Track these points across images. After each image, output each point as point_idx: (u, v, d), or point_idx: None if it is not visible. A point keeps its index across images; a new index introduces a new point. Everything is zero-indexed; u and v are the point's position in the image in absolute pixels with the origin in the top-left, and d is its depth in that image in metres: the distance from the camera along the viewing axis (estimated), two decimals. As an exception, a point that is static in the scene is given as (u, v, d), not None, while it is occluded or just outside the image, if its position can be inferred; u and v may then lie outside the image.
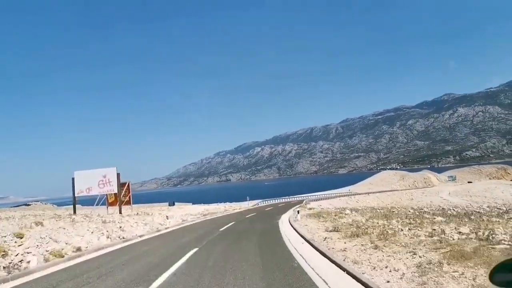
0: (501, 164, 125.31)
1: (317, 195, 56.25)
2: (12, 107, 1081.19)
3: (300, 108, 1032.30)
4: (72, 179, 18.96)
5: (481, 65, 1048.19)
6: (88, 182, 18.81)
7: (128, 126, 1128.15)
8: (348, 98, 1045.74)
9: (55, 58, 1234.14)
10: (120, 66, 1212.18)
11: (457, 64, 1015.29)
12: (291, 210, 25.11)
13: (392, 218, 11.24)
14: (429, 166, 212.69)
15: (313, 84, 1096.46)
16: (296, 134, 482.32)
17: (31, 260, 6.86)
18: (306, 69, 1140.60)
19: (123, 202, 26.49)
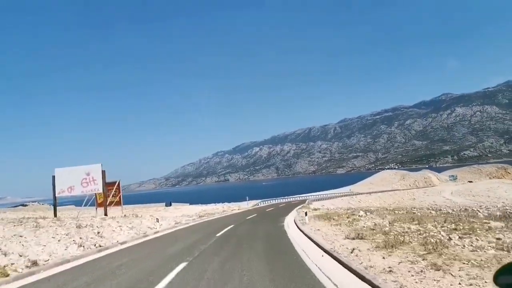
0: (500, 164, 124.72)
1: (318, 195, 54.71)
2: (10, 107, 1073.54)
3: (298, 108, 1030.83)
4: (53, 177, 16.94)
5: (479, 65, 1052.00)
6: (70, 181, 16.80)
7: (127, 126, 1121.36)
8: (346, 98, 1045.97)
9: (54, 58, 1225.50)
10: (119, 66, 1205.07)
11: (455, 64, 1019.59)
12: (294, 211, 23.29)
13: (425, 222, 9.36)
14: (427, 166, 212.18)
15: (311, 84, 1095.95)
16: (295, 134, 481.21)
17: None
18: (304, 69, 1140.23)
19: (113, 203, 24.53)
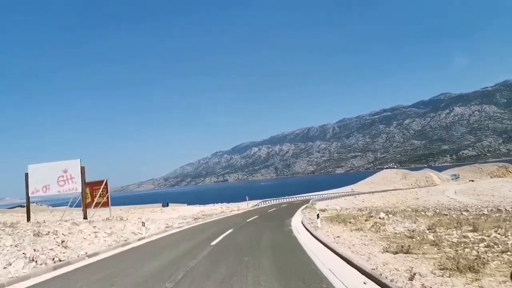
0: (501, 163, 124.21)
1: (320, 195, 52.87)
2: (9, 107, 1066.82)
3: (297, 108, 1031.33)
4: (25, 175, 14.82)
5: (478, 65, 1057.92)
6: (45, 179, 14.71)
7: (125, 127, 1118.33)
8: (345, 98, 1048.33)
9: (51, 58, 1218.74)
10: (118, 66, 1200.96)
11: (454, 64, 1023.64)
12: (299, 212, 21.35)
13: (482, 228, 7.34)
14: (426, 166, 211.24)
15: (310, 84, 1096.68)
16: (293, 134, 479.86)
17: None
18: (303, 69, 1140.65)
19: (100, 204, 22.42)
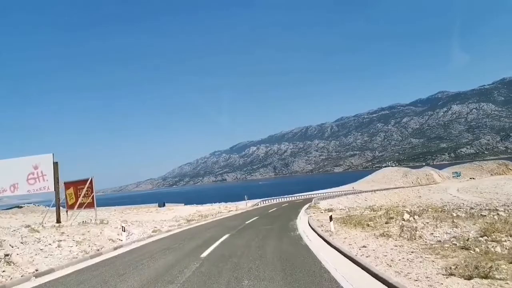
0: (501, 160, 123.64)
1: (321, 194, 51.18)
2: (6, 107, 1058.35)
3: (295, 107, 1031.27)
4: (-9, 173, 12.93)
5: (475, 63, 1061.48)
6: (13, 177, 12.77)
7: (123, 127, 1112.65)
8: (343, 97, 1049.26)
9: (48, 59, 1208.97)
10: (115, 66, 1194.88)
11: (451, 62, 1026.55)
12: (303, 212, 19.54)
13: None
14: (424, 164, 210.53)
15: (308, 83, 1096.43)
16: (292, 133, 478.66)
17: None
18: (301, 68, 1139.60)
19: (84, 205, 20.44)
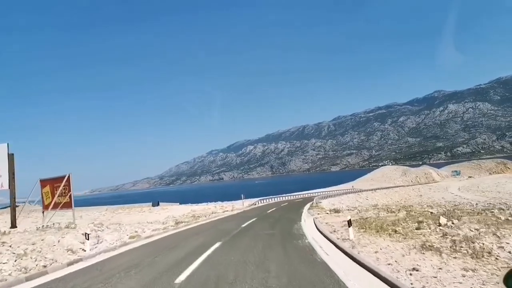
0: (500, 159, 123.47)
1: (320, 192, 49.32)
2: (4, 107, 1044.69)
3: (292, 106, 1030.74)
4: None
5: (471, 62, 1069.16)
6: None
7: (120, 126, 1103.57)
8: (340, 96, 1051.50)
9: (46, 58, 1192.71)
10: (112, 66, 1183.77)
11: (447, 61, 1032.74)
12: (305, 212, 17.58)
13: None
14: (421, 163, 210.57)
15: (305, 82, 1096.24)
16: (289, 132, 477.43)
17: None
18: (298, 67, 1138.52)
19: (60, 205, 18.22)
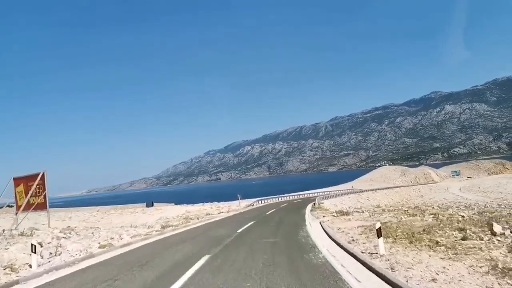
0: (498, 159, 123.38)
1: (319, 193, 47.60)
2: (4, 107, 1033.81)
3: (290, 107, 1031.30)
4: None
5: (468, 63, 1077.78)
6: None
7: (117, 126, 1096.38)
8: (338, 97, 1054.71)
9: (46, 58, 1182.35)
10: (112, 66, 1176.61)
11: (444, 63, 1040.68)
12: (309, 214, 15.77)
13: None
14: (418, 163, 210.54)
15: (303, 82, 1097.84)
16: (286, 133, 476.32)
17: None
18: (296, 67, 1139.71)
19: (33, 206, 16.23)
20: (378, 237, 5.65)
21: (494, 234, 6.12)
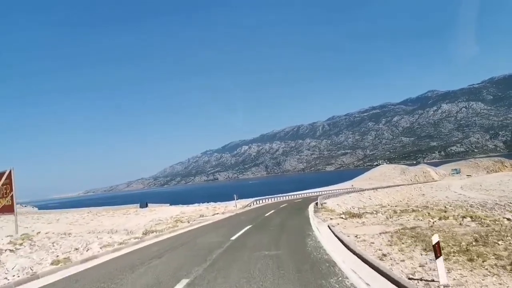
0: (497, 157, 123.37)
1: (319, 192, 45.97)
2: (4, 107, 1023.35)
3: (287, 106, 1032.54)
4: None
5: (464, 62, 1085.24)
6: None
7: (115, 126, 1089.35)
8: (335, 96, 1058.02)
9: (43, 58, 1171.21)
10: (107, 66, 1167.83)
11: (441, 61, 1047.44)
12: (313, 217, 13.93)
13: None
14: (415, 162, 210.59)
15: (300, 82, 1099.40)
16: (283, 132, 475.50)
17: None
18: (293, 67, 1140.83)
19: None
20: (436, 257, 3.61)
21: None
